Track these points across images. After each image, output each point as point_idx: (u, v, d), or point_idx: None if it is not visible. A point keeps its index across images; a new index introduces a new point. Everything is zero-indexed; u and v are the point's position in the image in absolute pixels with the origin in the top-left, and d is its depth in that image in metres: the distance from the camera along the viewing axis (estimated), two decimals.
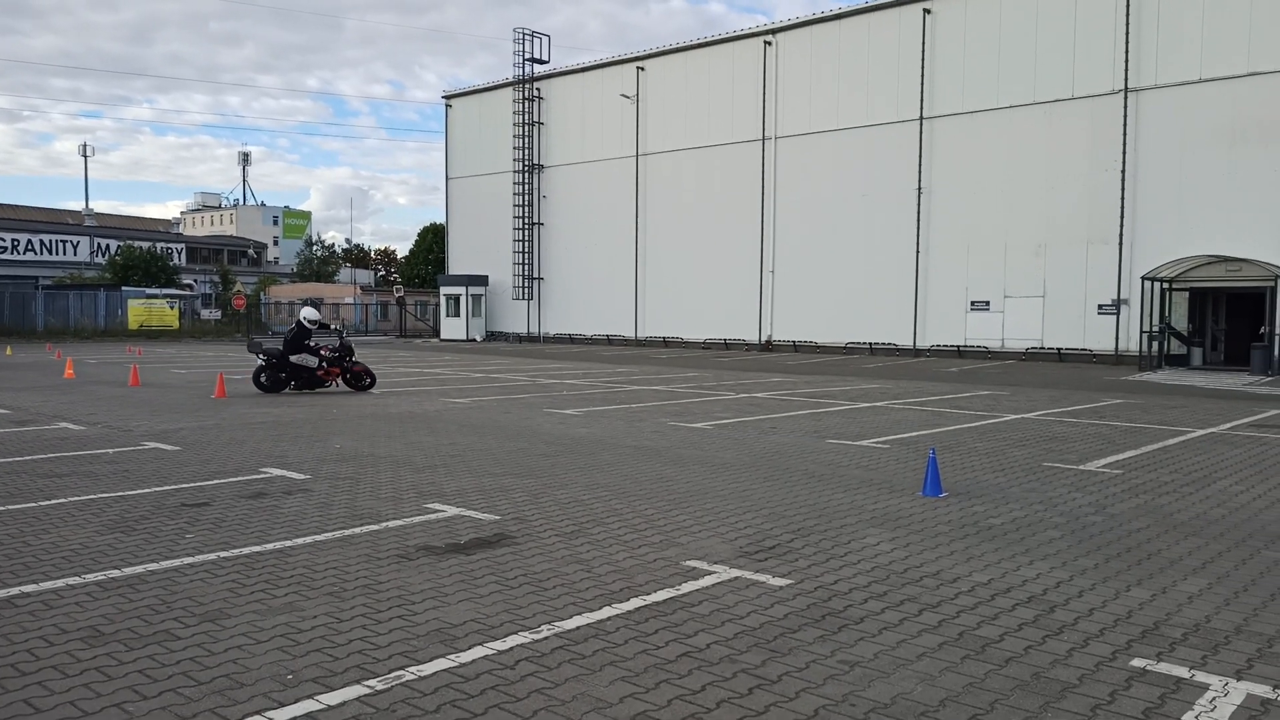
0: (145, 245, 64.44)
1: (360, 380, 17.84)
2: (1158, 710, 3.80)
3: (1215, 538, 6.69)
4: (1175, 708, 3.82)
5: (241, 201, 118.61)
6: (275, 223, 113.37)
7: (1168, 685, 4.04)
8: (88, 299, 49.91)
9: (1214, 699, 3.90)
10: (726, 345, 40.71)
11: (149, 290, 52.41)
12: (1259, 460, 10.33)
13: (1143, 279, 28.57)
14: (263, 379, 17.38)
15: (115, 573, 5.54)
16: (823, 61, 37.86)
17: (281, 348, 17.38)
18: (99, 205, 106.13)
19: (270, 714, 3.66)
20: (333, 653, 4.30)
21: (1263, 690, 4.00)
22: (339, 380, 17.75)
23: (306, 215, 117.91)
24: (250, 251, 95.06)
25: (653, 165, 43.81)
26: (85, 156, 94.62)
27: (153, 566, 5.67)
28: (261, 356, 17.54)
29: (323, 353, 17.55)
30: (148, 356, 30.37)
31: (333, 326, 18.78)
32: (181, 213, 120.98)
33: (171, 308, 50.67)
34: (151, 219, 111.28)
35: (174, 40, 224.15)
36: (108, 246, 70.81)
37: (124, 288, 51.94)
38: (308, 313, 17.51)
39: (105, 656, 4.23)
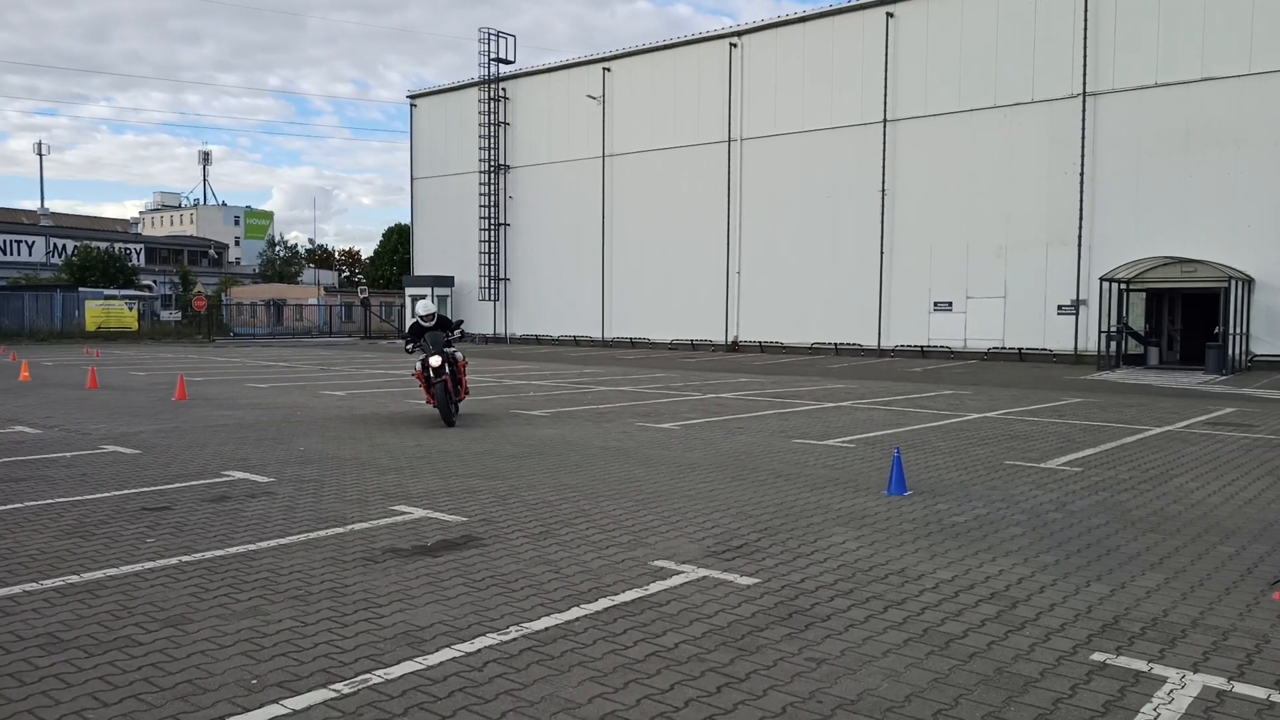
0: (103, 245, 63.35)
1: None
2: (1117, 703, 3.87)
3: (1172, 533, 6.82)
4: (1134, 700, 3.89)
5: (202, 201, 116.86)
6: (237, 223, 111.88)
7: (1127, 678, 4.12)
8: (43, 300, 48.94)
9: (1172, 691, 3.99)
10: (693, 346, 40.81)
11: (107, 291, 51.47)
12: (1214, 457, 10.54)
13: (1101, 280, 29.04)
14: None
15: (74, 578, 5.45)
16: (788, 64, 38.09)
17: None
18: (55, 205, 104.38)
19: (234, 719, 3.62)
20: (298, 657, 4.26)
21: (1218, 682, 4.09)
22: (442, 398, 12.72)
23: (269, 215, 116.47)
24: (211, 252, 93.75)
25: (619, 166, 43.81)
26: (41, 155, 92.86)
27: (112, 571, 5.58)
28: None
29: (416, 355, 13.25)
30: (106, 358, 29.85)
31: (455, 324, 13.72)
32: (140, 212, 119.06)
33: (130, 309, 49.81)
34: (109, 219, 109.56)
35: (132, 38, 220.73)
36: (64, 247, 69.52)
37: (81, 289, 50.97)
38: (420, 307, 13.33)
39: (64, 663, 4.16)
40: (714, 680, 4.06)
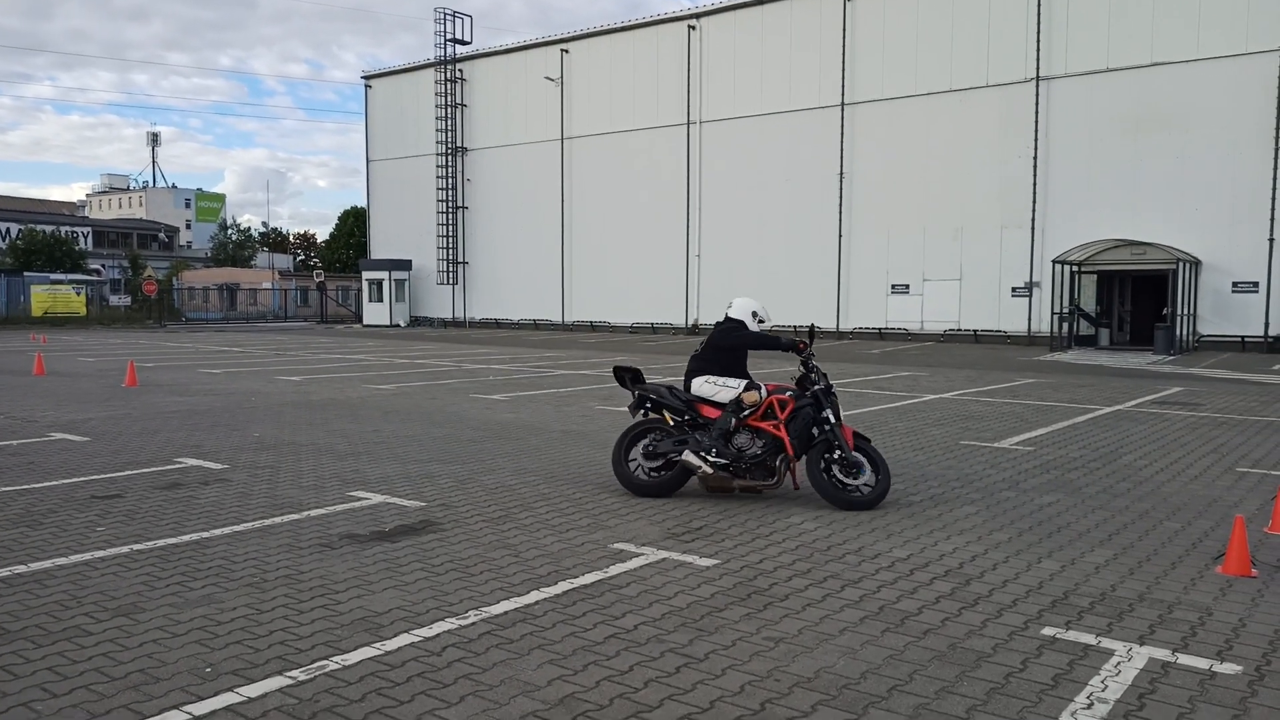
0: (49, 229, 61.76)
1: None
2: (1066, 676, 3.96)
3: (1121, 510, 6.98)
4: (1083, 673, 3.99)
5: (151, 183, 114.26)
6: (188, 205, 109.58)
7: (1076, 652, 4.22)
8: None
9: (1119, 664, 4.09)
10: (654, 329, 40.84)
11: (53, 276, 50.23)
12: (1161, 436, 10.79)
13: (1053, 262, 29.52)
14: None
15: (21, 568, 5.33)
16: (747, 46, 38.08)
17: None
18: None
19: (188, 708, 3.58)
20: (253, 644, 4.22)
21: (1163, 654, 4.20)
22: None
23: (220, 198, 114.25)
24: (161, 235, 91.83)
25: (578, 149, 43.57)
26: None
27: (61, 561, 5.48)
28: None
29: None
30: (53, 344, 29.17)
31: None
32: (87, 195, 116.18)
33: (78, 294, 48.65)
34: (55, 201, 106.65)
35: (76, 15, 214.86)
36: (8, 230, 67.72)
37: (26, 273, 49.70)
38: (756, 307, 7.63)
39: (11, 655, 4.07)
40: (673, 661, 4.08)
